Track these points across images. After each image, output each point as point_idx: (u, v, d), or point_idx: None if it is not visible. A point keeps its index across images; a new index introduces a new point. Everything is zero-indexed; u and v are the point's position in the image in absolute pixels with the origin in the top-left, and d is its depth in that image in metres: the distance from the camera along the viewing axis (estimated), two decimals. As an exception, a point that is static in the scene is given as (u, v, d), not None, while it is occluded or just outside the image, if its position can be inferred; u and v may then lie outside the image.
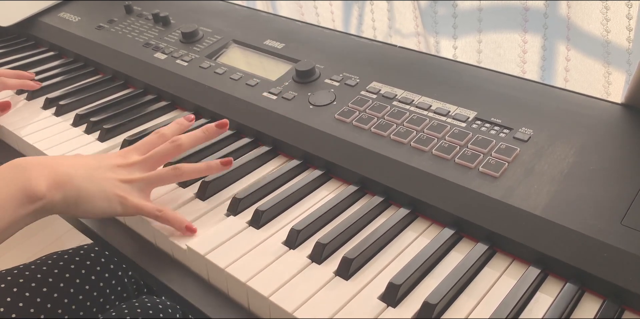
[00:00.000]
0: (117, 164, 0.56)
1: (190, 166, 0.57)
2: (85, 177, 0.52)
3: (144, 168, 0.57)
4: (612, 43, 0.75)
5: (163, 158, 0.58)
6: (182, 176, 0.57)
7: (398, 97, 0.67)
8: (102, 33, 0.92)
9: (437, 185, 0.56)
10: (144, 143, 0.59)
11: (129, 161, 0.56)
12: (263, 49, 0.81)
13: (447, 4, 0.90)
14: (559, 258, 0.48)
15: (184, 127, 0.62)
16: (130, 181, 0.55)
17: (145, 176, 0.56)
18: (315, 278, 0.49)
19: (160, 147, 0.58)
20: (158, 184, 0.57)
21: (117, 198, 0.53)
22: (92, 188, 0.52)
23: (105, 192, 0.52)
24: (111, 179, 0.54)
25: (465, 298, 0.48)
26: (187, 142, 0.58)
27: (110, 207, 0.53)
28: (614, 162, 0.54)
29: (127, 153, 0.58)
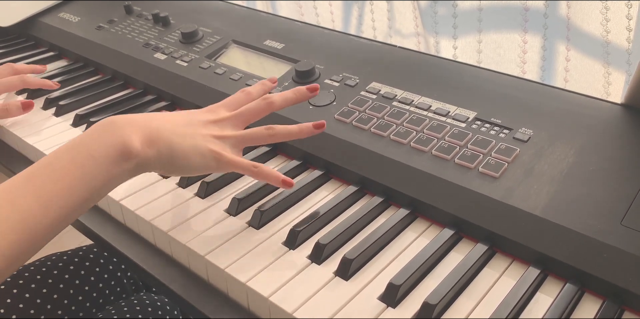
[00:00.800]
0: (208, 120, 0.54)
1: (284, 128, 0.55)
2: (177, 133, 0.51)
3: (235, 125, 0.55)
4: (612, 43, 0.75)
5: (254, 116, 0.56)
6: (276, 136, 0.55)
7: (398, 97, 0.67)
8: (102, 33, 0.92)
9: (437, 185, 0.56)
10: (232, 100, 0.57)
11: (219, 117, 0.55)
12: (263, 49, 0.81)
13: (447, 4, 0.90)
14: (558, 258, 0.48)
15: (268, 88, 0.61)
16: (223, 137, 0.53)
17: (238, 133, 0.54)
18: (315, 279, 0.49)
19: (252, 104, 0.56)
20: (250, 143, 0.55)
21: (211, 154, 0.51)
22: (185, 144, 0.50)
23: (199, 148, 0.51)
24: (204, 134, 0.52)
25: (465, 298, 0.48)
26: (279, 100, 0.57)
27: (205, 163, 0.51)
28: (614, 162, 0.54)
29: (217, 109, 0.56)
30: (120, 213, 0.61)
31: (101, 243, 0.61)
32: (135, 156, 0.48)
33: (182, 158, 0.50)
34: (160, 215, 0.58)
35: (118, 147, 0.47)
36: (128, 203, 0.60)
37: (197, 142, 0.51)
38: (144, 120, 0.50)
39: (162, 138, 0.50)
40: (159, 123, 0.51)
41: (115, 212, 0.62)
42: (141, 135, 0.49)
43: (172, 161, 0.50)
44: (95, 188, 0.46)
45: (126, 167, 0.48)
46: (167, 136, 0.50)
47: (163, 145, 0.49)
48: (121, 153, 0.47)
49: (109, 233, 0.61)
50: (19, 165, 0.73)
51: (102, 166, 0.46)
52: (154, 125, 0.50)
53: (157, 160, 0.49)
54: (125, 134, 0.48)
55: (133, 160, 0.48)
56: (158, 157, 0.49)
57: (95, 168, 0.46)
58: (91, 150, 0.47)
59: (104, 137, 0.48)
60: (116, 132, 0.48)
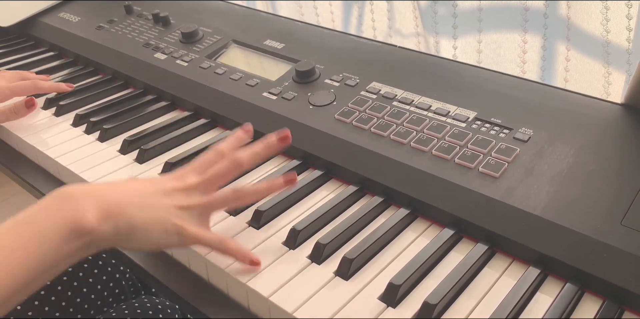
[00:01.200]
0: (173, 187, 0.50)
1: (252, 188, 0.52)
2: (139, 205, 0.47)
3: (203, 191, 0.51)
4: (612, 43, 0.75)
5: (222, 178, 0.52)
6: (245, 198, 0.52)
7: (398, 97, 0.67)
8: (102, 33, 0.92)
9: (437, 185, 0.56)
10: (201, 163, 0.53)
11: (186, 184, 0.51)
12: (263, 49, 0.81)
13: (447, 4, 0.90)
14: (558, 258, 0.48)
15: (241, 141, 0.56)
16: (188, 207, 0.49)
17: (205, 201, 0.50)
18: (315, 278, 0.49)
19: (219, 166, 0.52)
20: (218, 208, 0.52)
21: (174, 228, 0.47)
22: (146, 218, 0.46)
23: (161, 221, 0.47)
24: (167, 206, 0.48)
25: (465, 298, 0.48)
26: (247, 159, 0.53)
27: (167, 239, 0.47)
28: (614, 162, 0.54)
29: (184, 174, 0.52)
30: (121, 213, 0.61)
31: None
32: (88, 233, 0.43)
33: (142, 234, 0.46)
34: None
35: (71, 223, 0.43)
36: (128, 203, 0.60)
37: (159, 215, 0.47)
38: (103, 192, 0.46)
39: (122, 211, 0.45)
40: (119, 195, 0.47)
41: (115, 212, 0.62)
42: (98, 209, 0.44)
43: (131, 237, 0.46)
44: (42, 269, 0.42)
45: (78, 245, 0.43)
46: (127, 209, 0.46)
47: (122, 220, 0.45)
48: (74, 230, 0.43)
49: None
50: (19, 165, 0.73)
51: (51, 245, 0.42)
52: (115, 197, 0.46)
53: (115, 235, 0.45)
54: (79, 208, 0.44)
55: (87, 237, 0.43)
56: (116, 233, 0.45)
57: (42, 247, 0.42)
58: (40, 226, 0.42)
59: (54, 212, 0.43)
60: (69, 206, 0.44)
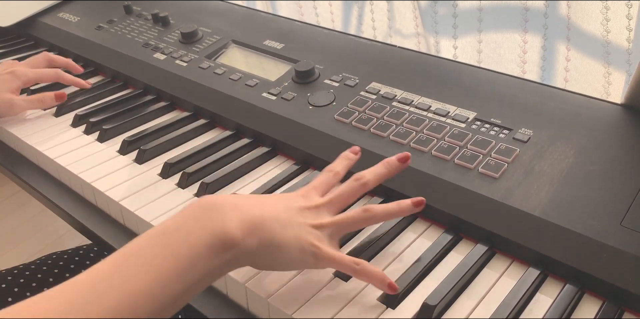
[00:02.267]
0: (304, 206, 0.48)
1: (382, 208, 0.50)
2: (278, 221, 0.45)
3: (330, 211, 0.50)
4: (612, 43, 0.75)
5: (349, 199, 0.51)
6: (374, 219, 0.50)
7: (398, 98, 0.67)
8: (102, 33, 0.92)
9: (437, 185, 0.55)
10: (322, 183, 0.52)
11: (314, 203, 0.49)
12: (262, 49, 0.81)
13: (447, 4, 0.90)
14: (558, 259, 0.48)
15: (352, 161, 0.55)
16: (320, 226, 0.47)
17: (335, 220, 0.48)
18: (314, 279, 0.49)
19: (345, 186, 0.51)
20: (349, 229, 0.50)
21: (311, 248, 0.45)
22: (285, 235, 0.44)
23: (299, 239, 0.45)
24: (301, 223, 0.46)
25: (465, 299, 0.48)
26: (372, 179, 0.52)
27: (303, 258, 0.45)
28: (614, 163, 0.54)
29: (308, 193, 0.50)
30: (120, 213, 0.61)
31: (101, 243, 0.61)
32: (236, 245, 0.41)
33: (282, 251, 0.44)
34: (160, 216, 0.58)
35: (219, 234, 0.41)
36: (128, 203, 0.60)
37: (297, 233, 0.45)
38: (245, 204, 0.45)
39: (265, 226, 0.44)
40: (261, 209, 0.45)
41: (115, 212, 0.62)
42: (244, 222, 0.43)
43: (272, 254, 0.44)
44: (190, 282, 0.40)
45: (226, 259, 0.41)
46: (270, 224, 0.44)
47: (266, 234, 0.43)
48: (222, 241, 0.41)
49: (109, 234, 0.61)
50: (19, 166, 0.73)
51: (200, 257, 0.40)
52: (257, 211, 0.44)
53: (257, 251, 0.43)
54: (227, 219, 0.42)
55: (234, 250, 0.41)
56: (258, 248, 0.43)
57: (191, 259, 0.40)
58: (188, 236, 0.40)
59: (203, 221, 0.42)
60: (217, 216, 0.42)
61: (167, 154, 0.69)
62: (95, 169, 0.66)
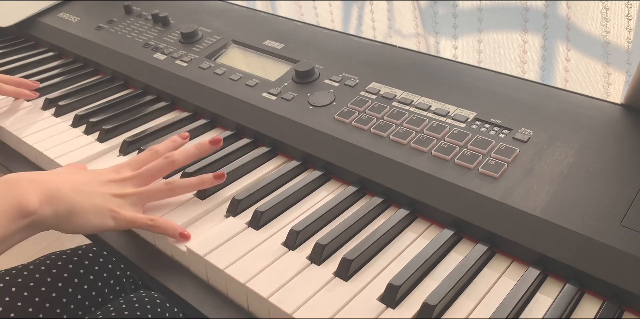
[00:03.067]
0: (110, 179, 0.56)
1: (183, 181, 0.57)
2: (76, 192, 0.52)
3: (136, 184, 0.57)
4: (612, 43, 0.75)
5: (156, 174, 0.58)
6: (175, 190, 0.57)
7: (397, 98, 0.67)
8: (102, 33, 0.92)
9: (437, 185, 0.55)
10: (137, 160, 0.59)
11: (121, 177, 0.57)
12: (262, 49, 0.81)
13: (447, 4, 0.90)
14: (558, 259, 0.48)
15: (177, 144, 0.62)
16: (122, 195, 0.55)
17: (137, 190, 0.56)
18: (314, 279, 0.49)
19: (153, 163, 0.58)
20: (151, 199, 0.57)
21: (109, 212, 0.53)
22: (83, 203, 0.52)
23: (97, 206, 0.52)
24: (103, 193, 0.54)
25: (465, 299, 0.48)
26: (180, 158, 0.59)
27: (102, 221, 0.53)
28: (614, 163, 0.54)
29: (120, 168, 0.58)
30: (120, 213, 0.61)
31: (100, 243, 0.61)
32: (31, 213, 0.48)
33: (80, 217, 0.51)
34: (160, 216, 0.57)
35: (15, 204, 0.47)
36: (127, 203, 0.60)
37: (95, 201, 0.52)
38: (44, 179, 0.51)
39: (62, 196, 0.50)
40: (59, 182, 0.52)
41: (114, 212, 0.62)
42: (39, 193, 0.49)
43: (70, 219, 0.51)
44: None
45: (23, 224, 0.48)
46: (66, 194, 0.51)
47: (61, 203, 0.50)
48: (18, 210, 0.47)
49: (108, 234, 0.61)
50: (18, 166, 0.73)
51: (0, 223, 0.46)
52: (54, 184, 0.51)
53: (55, 217, 0.50)
54: (23, 192, 0.48)
55: (29, 217, 0.48)
56: (56, 215, 0.50)
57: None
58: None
59: (2, 193, 0.48)
60: (14, 190, 0.48)
61: (167, 154, 0.68)
62: (95, 169, 0.66)
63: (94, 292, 0.73)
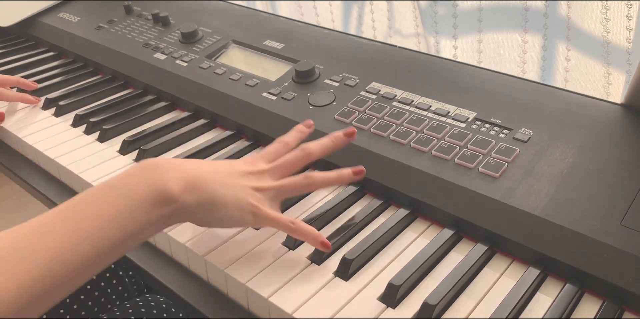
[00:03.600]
0: (248, 171, 0.52)
1: (322, 176, 0.54)
2: (219, 182, 0.49)
3: (273, 176, 0.53)
4: (612, 43, 0.75)
5: (293, 166, 0.54)
6: (315, 185, 0.54)
7: (398, 98, 0.67)
8: (102, 33, 0.92)
9: (437, 185, 0.55)
10: (270, 152, 0.55)
11: (258, 169, 0.53)
12: (263, 49, 0.81)
13: (447, 4, 0.90)
14: (558, 258, 0.48)
15: (304, 135, 0.59)
16: (262, 189, 0.51)
17: (277, 184, 0.52)
18: (314, 279, 0.49)
19: (290, 155, 0.55)
20: (289, 194, 0.54)
21: (250, 208, 0.49)
22: (226, 194, 0.48)
23: (239, 200, 0.49)
24: (243, 186, 0.50)
25: (465, 298, 0.48)
26: (316, 150, 0.55)
27: (242, 217, 0.49)
28: (614, 162, 0.54)
29: (255, 160, 0.54)
30: (120, 213, 0.61)
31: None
32: (175, 201, 0.45)
33: (221, 209, 0.48)
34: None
35: (159, 190, 0.45)
36: (128, 203, 0.60)
37: (237, 194, 0.49)
38: (187, 166, 0.48)
39: (205, 186, 0.47)
40: (202, 171, 0.49)
41: (115, 212, 0.62)
42: (184, 181, 0.46)
43: (211, 211, 0.48)
44: (129, 232, 0.43)
45: (165, 213, 0.45)
46: (209, 184, 0.48)
47: (204, 193, 0.47)
48: (161, 196, 0.45)
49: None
50: (19, 166, 0.73)
51: (140, 209, 0.44)
52: (198, 172, 0.48)
53: (197, 208, 0.47)
54: (167, 178, 0.46)
55: (173, 205, 0.45)
56: (197, 205, 0.47)
57: (132, 210, 0.43)
58: (130, 190, 0.44)
59: (144, 178, 0.45)
60: (158, 175, 0.46)
61: (167, 154, 0.69)
62: (96, 169, 0.66)
63: (96, 292, 0.73)
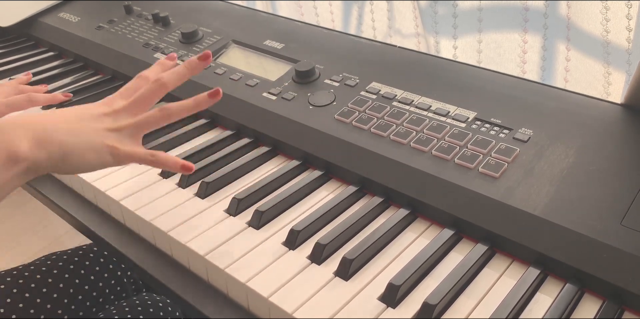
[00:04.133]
0: (102, 112, 0.52)
1: (177, 105, 0.53)
2: (70, 131, 0.49)
3: (130, 114, 0.53)
4: (612, 43, 0.75)
5: (148, 100, 0.54)
6: (171, 116, 0.53)
7: (398, 98, 0.67)
8: (102, 33, 0.92)
9: (437, 185, 0.55)
10: (127, 88, 0.55)
11: (113, 108, 0.53)
12: (263, 49, 0.81)
13: (447, 4, 0.90)
14: (558, 258, 0.48)
15: (166, 67, 0.58)
16: (118, 129, 0.51)
17: (133, 121, 0.52)
18: (314, 279, 0.49)
19: (144, 89, 0.54)
20: (148, 128, 0.53)
21: (107, 149, 0.49)
22: (77, 142, 0.48)
23: (92, 143, 0.49)
24: (97, 129, 0.50)
25: (465, 298, 0.48)
26: (170, 79, 0.54)
27: (100, 159, 0.49)
28: (614, 162, 0.54)
29: (111, 100, 0.54)
30: (120, 213, 0.61)
31: (101, 243, 0.61)
32: (23, 159, 0.46)
33: (76, 157, 0.48)
34: (160, 215, 0.58)
35: (6, 150, 0.45)
36: (128, 203, 0.60)
37: (90, 138, 0.49)
38: (32, 121, 0.48)
39: (52, 138, 0.48)
40: (49, 123, 0.49)
41: (115, 212, 0.63)
42: (30, 138, 0.47)
43: (65, 161, 0.48)
44: None
45: (17, 171, 0.46)
46: (58, 136, 0.48)
47: (54, 146, 0.47)
48: (9, 157, 0.45)
49: (109, 233, 0.61)
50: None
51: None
52: (44, 126, 0.48)
53: (49, 161, 0.47)
54: (11, 138, 0.46)
55: (22, 163, 0.46)
56: (49, 158, 0.47)
57: None
58: None
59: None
60: (4, 136, 0.46)
61: (167, 154, 0.68)
62: (96, 169, 0.66)
63: (94, 292, 0.73)
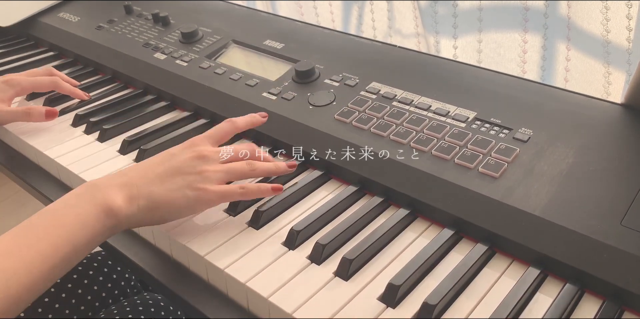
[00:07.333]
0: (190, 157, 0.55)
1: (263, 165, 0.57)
2: (155, 181, 0.52)
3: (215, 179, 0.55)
4: (612, 43, 0.75)
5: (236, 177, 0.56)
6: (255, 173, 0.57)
7: (398, 97, 0.67)
8: (102, 33, 0.92)
9: (437, 185, 0.55)
10: (218, 131, 0.59)
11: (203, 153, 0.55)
12: (263, 49, 0.81)
13: (447, 4, 0.90)
14: (558, 258, 0.48)
15: (257, 123, 0.63)
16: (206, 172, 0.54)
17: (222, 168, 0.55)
18: (314, 279, 0.49)
19: (237, 166, 0.56)
20: (233, 178, 0.56)
21: (196, 192, 0.52)
22: (164, 190, 0.52)
23: (181, 189, 0.52)
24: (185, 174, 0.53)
25: (465, 298, 0.48)
26: (261, 170, 0.57)
27: (188, 202, 0.52)
28: (614, 162, 0.54)
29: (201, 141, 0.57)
30: (120, 213, 0.61)
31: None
32: (117, 212, 0.50)
33: (165, 205, 0.52)
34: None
35: (102, 205, 0.49)
36: (128, 203, 0.60)
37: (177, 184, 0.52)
38: (120, 180, 0.52)
39: (141, 191, 0.51)
40: (135, 179, 0.52)
41: (115, 212, 0.62)
42: (122, 194, 0.51)
43: (156, 211, 0.51)
44: (78, 245, 0.48)
45: (109, 224, 0.50)
46: (146, 188, 0.52)
47: (143, 198, 0.51)
48: (104, 211, 0.49)
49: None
50: (19, 166, 0.73)
51: (86, 223, 0.48)
52: (131, 182, 0.52)
53: (139, 213, 0.51)
54: (107, 194, 0.50)
55: (116, 217, 0.50)
56: (139, 211, 0.51)
57: (78, 226, 0.48)
58: (76, 208, 0.49)
59: (87, 197, 0.50)
60: (99, 193, 0.50)
61: (167, 154, 0.68)
62: (96, 169, 0.66)
63: (103, 293, 0.73)
